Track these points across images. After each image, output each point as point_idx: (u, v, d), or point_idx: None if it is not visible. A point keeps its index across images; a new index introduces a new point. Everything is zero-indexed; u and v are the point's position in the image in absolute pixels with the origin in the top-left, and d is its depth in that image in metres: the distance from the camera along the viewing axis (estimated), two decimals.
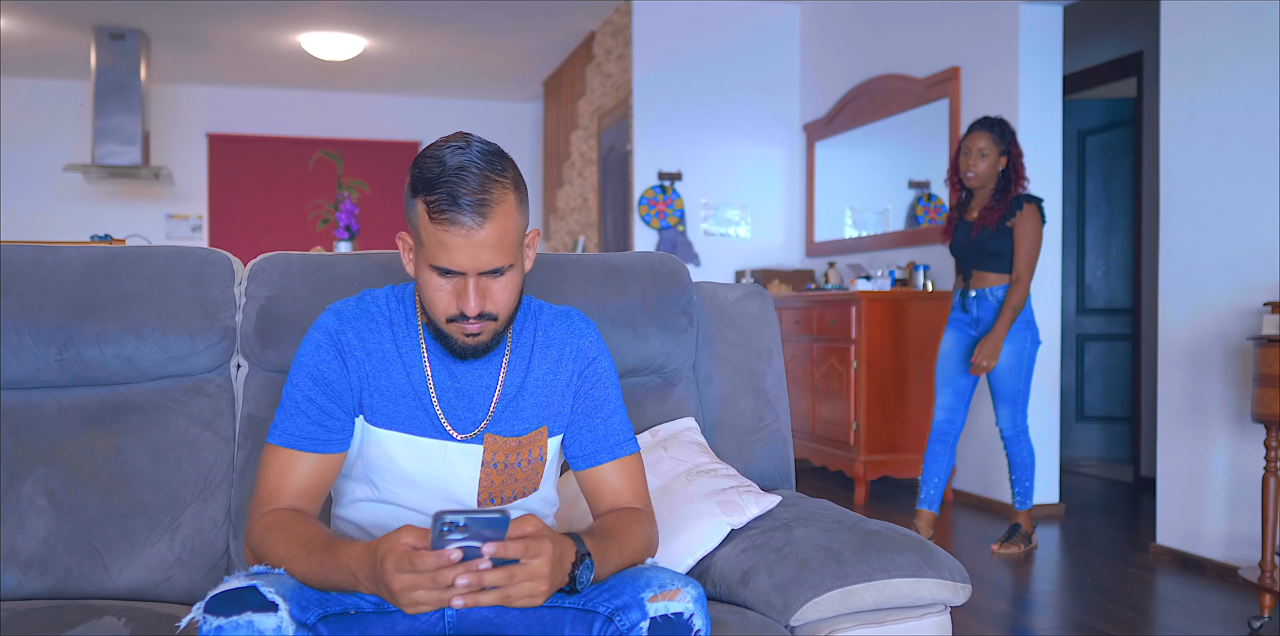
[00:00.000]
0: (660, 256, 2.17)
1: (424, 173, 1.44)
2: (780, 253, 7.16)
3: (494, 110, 10.55)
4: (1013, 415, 4.32)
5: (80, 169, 8.16)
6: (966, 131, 4.37)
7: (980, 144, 4.30)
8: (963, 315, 4.38)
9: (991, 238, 4.25)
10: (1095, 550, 4.39)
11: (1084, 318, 6.64)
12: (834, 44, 6.78)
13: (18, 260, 1.91)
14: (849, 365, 5.40)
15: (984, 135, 4.29)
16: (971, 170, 4.30)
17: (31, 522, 1.79)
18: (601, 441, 1.61)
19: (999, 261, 4.26)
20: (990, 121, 4.33)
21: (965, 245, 4.38)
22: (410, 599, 1.26)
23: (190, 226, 9.91)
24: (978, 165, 4.29)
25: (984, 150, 4.28)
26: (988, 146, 4.29)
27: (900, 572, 1.58)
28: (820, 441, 5.71)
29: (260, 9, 7.45)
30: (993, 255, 4.26)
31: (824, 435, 5.67)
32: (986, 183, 4.33)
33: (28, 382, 1.88)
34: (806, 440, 5.86)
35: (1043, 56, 4.99)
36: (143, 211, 9.72)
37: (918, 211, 6.11)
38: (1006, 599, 3.69)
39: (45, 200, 9.44)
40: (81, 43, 8.18)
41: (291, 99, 10.09)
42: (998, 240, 4.24)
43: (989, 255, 4.27)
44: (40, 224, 9.26)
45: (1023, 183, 4.30)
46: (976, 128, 4.33)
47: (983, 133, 4.30)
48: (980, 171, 4.30)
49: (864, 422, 5.32)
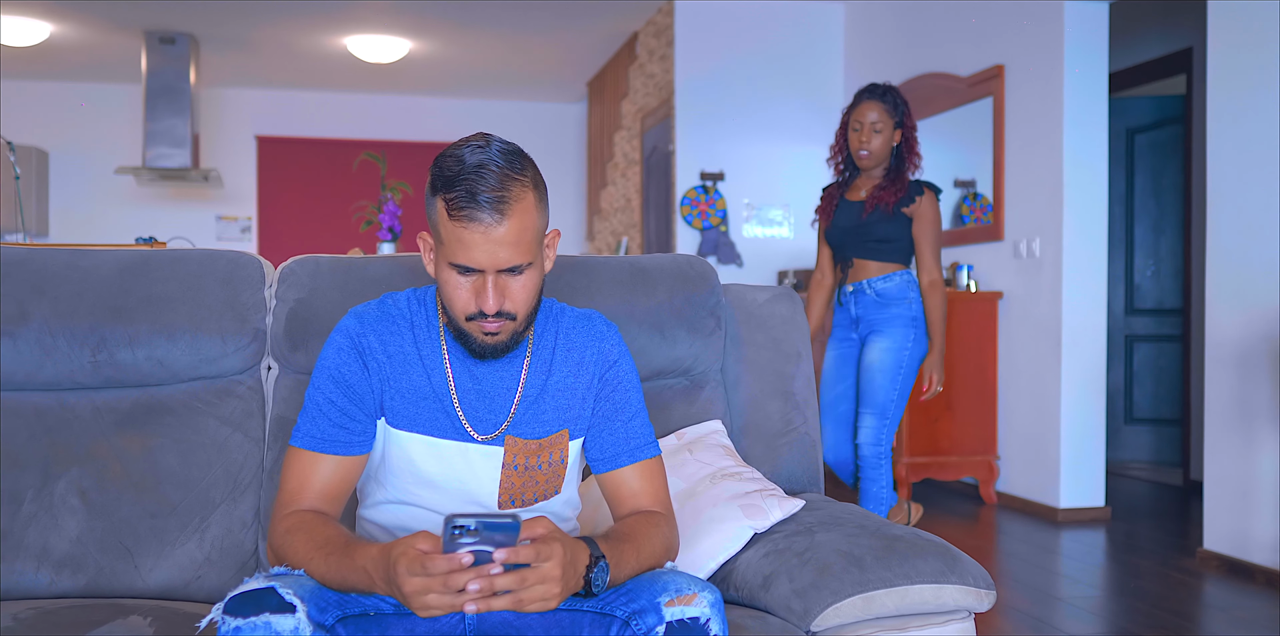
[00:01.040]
0: (688, 259, 2.16)
1: (444, 171, 1.45)
2: None
3: (538, 111, 10.58)
4: (877, 430, 3.71)
5: (131, 172, 8.28)
6: (854, 102, 3.80)
7: (873, 116, 3.72)
8: (842, 316, 3.89)
9: (883, 222, 3.73)
10: (1141, 554, 4.32)
11: (1133, 318, 6.54)
12: (878, 43, 6.73)
13: (53, 264, 1.94)
14: None
15: (877, 106, 3.73)
16: (865, 148, 3.73)
17: (64, 522, 1.81)
18: (622, 444, 1.61)
19: (886, 249, 3.75)
20: (881, 89, 3.78)
21: (850, 229, 3.80)
22: (422, 602, 1.27)
23: (240, 228, 10.03)
24: (871, 141, 3.72)
25: (877, 124, 3.72)
26: (881, 119, 3.72)
27: (923, 578, 1.56)
28: None
29: (306, 13, 7.53)
30: (880, 241, 3.74)
31: None
32: (881, 162, 3.78)
33: (62, 384, 1.91)
34: None
35: (1088, 54, 4.92)
36: (193, 213, 9.86)
37: (963, 211, 6.05)
38: (1047, 603, 3.64)
39: (98, 203, 9.60)
40: (132, 47, 8.31)
41: (338, 101, 10.18)
42: (889, 225, 3.72)
43: (876, 241, 3.75)
44: (92, 226, 9.43)
45: (915, 161, 3.80)
46: (866, 97, 3.76)
47: (875, 103, 3.74)
48: (875, 149, 3.73)
49: (906, 424, 5.27)
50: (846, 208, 3.84)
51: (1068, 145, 4.89)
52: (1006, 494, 5.29)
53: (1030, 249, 5.11)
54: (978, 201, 5.89)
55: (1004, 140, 5.37)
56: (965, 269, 5.52)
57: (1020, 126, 5.24)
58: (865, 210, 3.76)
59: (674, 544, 1.58)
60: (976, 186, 5.89)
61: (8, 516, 1.80)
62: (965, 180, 6.02)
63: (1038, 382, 5.05)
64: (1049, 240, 4.99)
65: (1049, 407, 4.97)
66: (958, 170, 6.07)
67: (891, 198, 3.71)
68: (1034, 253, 5.08)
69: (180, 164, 8.20)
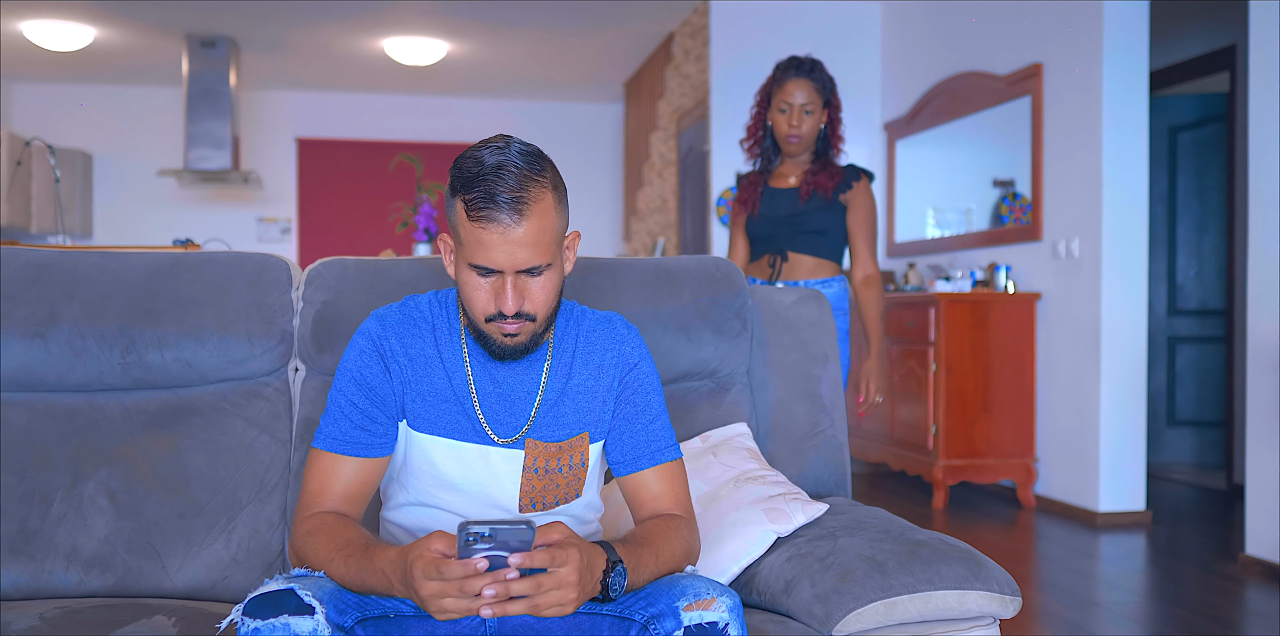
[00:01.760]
0: (714, 260, 2.15)
1: (463, 173, 1.45)
2: None
3: (575, 112, 10.60)
4: None
5: (173, 174, 8.37)
6: (778, 78, 3.40)
7: (801, 97, 3.34)
8: None
9: (820, 211, 3.35)
10: (1181, 559, 4.25)
11: (1175, 319, 6.45)
12: (915, 42, 6.68)
13: (83, 266, 1.96)
14: (928, 368, 5.31)
15: (806, 85, 3.34)
16: (795, 132, 3.34)
17: (93, 522, 1.83)
18: (642, 447, 1.61)
19: (821, 242, 3.37)
20: (809, 65, 3.39)
21: (783, 219, 3.40)
22: (439, 605, 1.27)
23: (280, 229, 10.11)
24: (802, 125, 3.34)
25: (808, 106, 3.34)
26: (811, 100, 3.34)
27: (946, 584, 1.54)
28: (899, 445, 5.63)
29: (345, 16, 7.58)
30: (816, 233, 3.36)
31: (902, 438, 5.59)
32: (809, 147, 3.42)
33: (92, 385, 1.93)
34: (885, 443, 5.78)
35: (1128, 51, 4.85)
36: (234, 215, 9.95)
37: (1002, 211, 5.99)
38: (1084, 608, 3.60)
39: (141, 205, 9.72)
40: (174, 51, 8.40)
41: (376, 103, 10.25)
42: (825, 215, 3.35)
43: (812, 233, 3.36)
44: (135, 228, 9.56)
45: (840, 145, 3.45)
46: (794, 74, 3.36)
47: (804, 82, 3.34)
48: (805, 132, 3.36)
49: (943, 426, 5.23)
50: (775, 196, 3.45)
51: (1107, 144, 4.83)
52: (1045, 497, 5.23)
53: (1069, 249, 5.05)
54: (1017, 201, 5.83)
55: (1042, 139, 5.31)
56: (1003, 269, 5.46)
57: (1059, 125, 5.18)
58: (801, 197, 3.39)
59: (695, 548, 1.57)
60: (1015, 186, 5.83)
61: (38, 516, 1.82)
62: (1004, 180, 5.96)
63: (1077, 384, 4.99)
64: (1088, 240, 4.93)
65: (1088, 409, 4.91)
66: (996, 170, 6.01)
67: (829, 183, 3.36)
68: (1073, 253, 5.02)
69: (220, 166, 8.28)
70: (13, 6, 7.31)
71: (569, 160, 10.48)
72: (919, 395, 5.39)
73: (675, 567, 1.51)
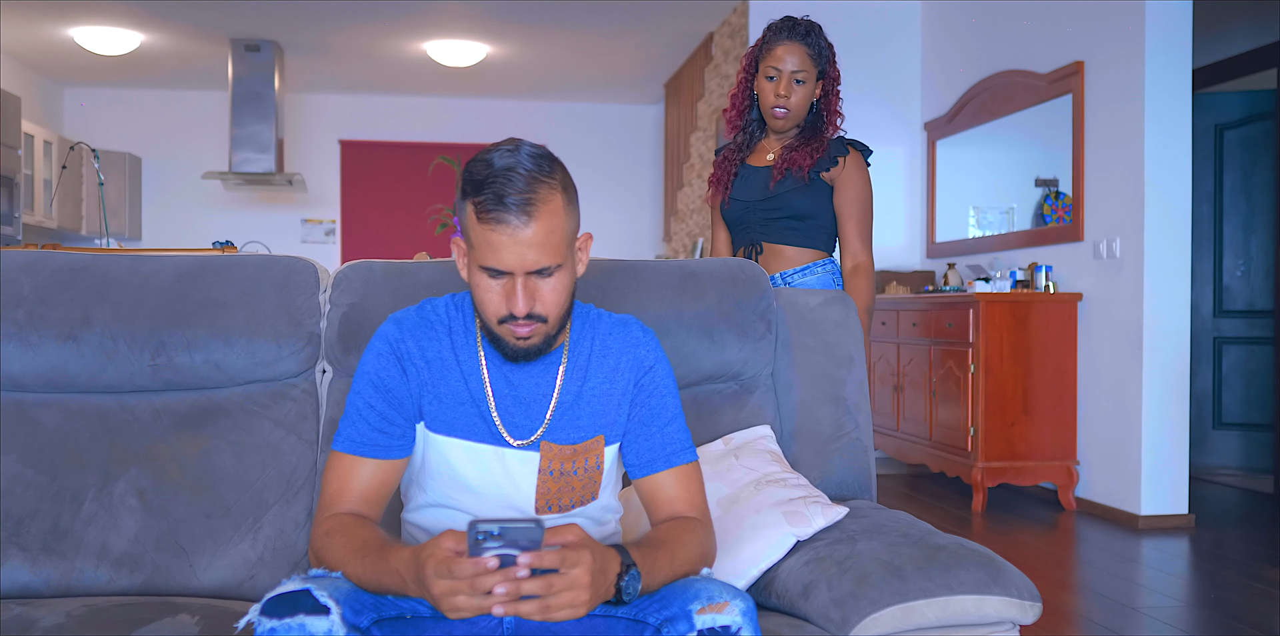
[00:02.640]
0: (739, 262, 2.15)
1: (473, 176, 1.46)
2: (900, 254, 7.03)
3: (616, 113, 10.61)
4: None
5: (218, 176, 8.48)
6: (768, 40, 2.93)
7: (792, 63, 2.87)
8: None
9: (797, 193, 2.89)
10: (1223, 564, 4.19)
11: (1222, 320, 6.35)
12: (955, 40, 6.62)
13: (115, 270, 1.99)
14: (966, 369, 5.27)
15: (799, 50, 2.87)
16: (783, 103, 2.88)
17: (123, 521, 1.86)
18: (658, 450, 1.60)
19: (801, 229, 2.92)
20: (804, 27, 2.92)
21: (754, 203, 2.95)
22: (451, 604, 1.28)
23: (324, 231, 10.22)
24: (791, 95, 2.88)
25: (800, 74, 2.87)
26: (804, 67, 2.87)
27: (964, 589, 1.53)
28: (938, 446, 5.59)
29: (386, 19, 7.65)
30: (794, 219, 2.90)
31: (941, 440, 5.55)
32: (798, 121, 2.95)
33: (123, 387, 1.96)
34: (924, 445, 5.74)
35: (1170, 49, 4.79)
36: (279, 216, 10.07)
37: (1045, 210, 5.92)
38: (1122, 613, 3.55)
39: (187, 207, 9.86)
40: (219, 55, 8.51)
41: (418, 105, 10.32)
42: (805, 197, 2.89)
43: (790, 219, 2.91)
44: (183, 230, 9.70)
45: (837, 121, 2.98)
46: (786, 36, 2.90)
47: (797, 46, 2.88)
48: (795, 105, 2.89)
49: (982, 428, 5.18)
50: (749, 176, 3.00)
51: (1149, 143, 4.76)
52: (1086, 500, 5.17)
53: (1110, 249, 4.99)
54: (1060, 200, 5.77)
55: (1084, 138, 5.25)
56: (1044, 269, 5.41)
57: (1100, 124, 5.12)
58: (773, 178, 2.92)
59: (710, 550, 1.57)
60: (1060, 185, 5.77)
61: (69, 515, 1.85)
62: (1047, 179, 5.89)
63: (1118, 386, 4.93)
64: (1130, 240, 4.86)
65: (1130, 412, 4.84)
66: (1039, 169, 5.95)
67: (806, 160, 2.88)
68: (1114, 253, 4.96)
69: (264, 168, 8.38)
70: (64, 13, 7.45)
71: (609, 161, 10.51)
72: (958, 396, 5.35)
73: (690, 570, 1.51)
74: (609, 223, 10.38)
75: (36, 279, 1.96)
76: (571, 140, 10.43)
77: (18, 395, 1.94)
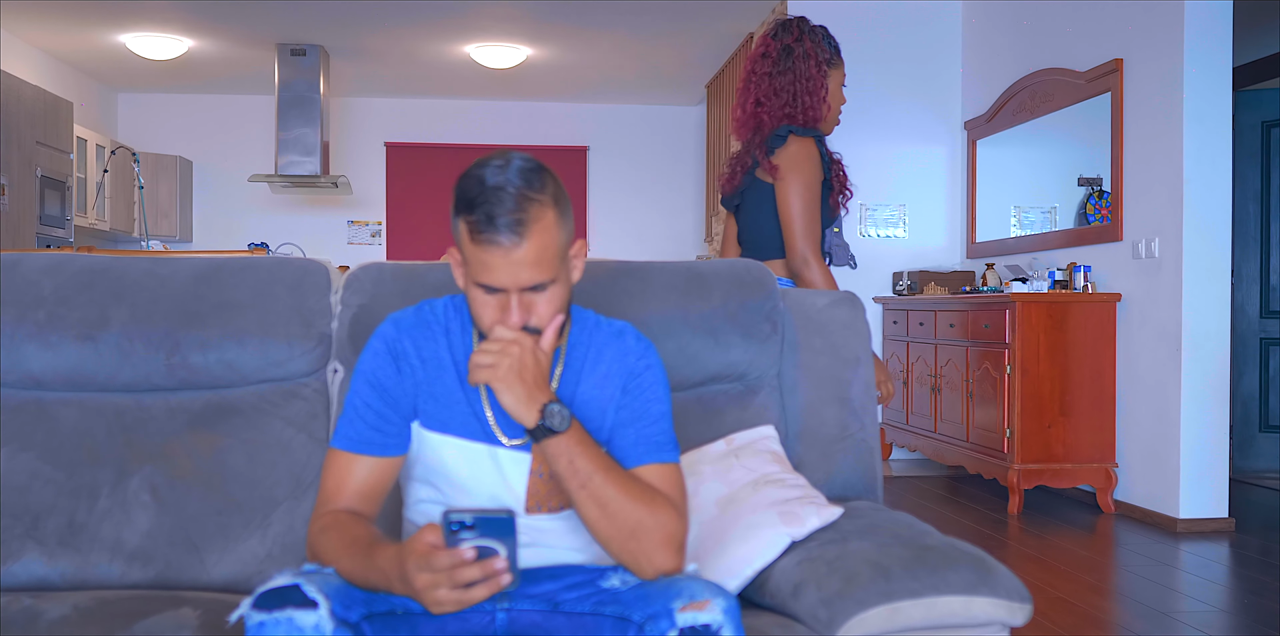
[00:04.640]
0: (746, 264, 2.16)
1: (465, 193, 1.47)
2: (940, 254, 6.98)
3: (658, 114, 10.63)
4: None
5: (265, 179, 8.61)
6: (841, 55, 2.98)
7: None
8: None
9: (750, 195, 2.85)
10: (1262, 569, 4.12)
11: (1269, 321, 6.24)
12: (995, 39, 6.57)
13: (133, 271, 2.04)
14: (1003, 370, 5.23)
15: None
16: None
17: (136, 517, 1.91)
18: (641, 445, 1.58)
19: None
20: None
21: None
22: (433, 597, 1.31)
23: (370, 232, 10.33)
24: None
25: None
26: None
27: (951, 590, 1.53)
28: (974, 448, 5.55)
29: (429, 22, 7.72)
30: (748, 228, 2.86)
31: (978, 442, 5.51)
32: None
33: (139, 386, 2.01)
34: (962, 447, 5.70)
35: (1210, 46, 4.72)
36: (325, 219, 10.20)
37: (1088, 209, 5.85)
38: (1155, 618, 3.51)
39: (235, 210, 10.03)
40: (266, 59, 8.64)
41: (462, 107, 10.41)
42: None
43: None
44: (232, 232, 9.85)
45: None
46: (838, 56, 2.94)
47: None
48: None
49: (1018, 429, 5.14)
50: None
51: (1188, 141, 4.70)
52: (1125, 503, 5.11)
53: (1150, 249, 4.93)
54: (1103, 199, 5.70)
55: (1123, 137, 5.19)
56: (1083, 270, 5.35)
57: (1140, 122, 5.05)
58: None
59: (675, 533, 1.50)
60: (1103, 184, 5.70)
61: (85, 510, 1.90)
62: (1090, 178, 5.82)
63: (1158, 388, 4.87)
64: (1169, 240, 4.80)
65: (1169, 414, 4.78)
66: (1081, 168, 5.89)
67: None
68: (1154, 253, 4.90)
69: (310, 171, 8.49)
70: (115, 20, 7.60)
71: (651, 163, 10.53)
72: (994, 398, 5.31)
73: (636, 519, 1.47)
74: (651, 224, 10.40)
75: (57, 281, 2.02)
76: (614, 142, 10.46)
77: (37, 393, 2.00)
